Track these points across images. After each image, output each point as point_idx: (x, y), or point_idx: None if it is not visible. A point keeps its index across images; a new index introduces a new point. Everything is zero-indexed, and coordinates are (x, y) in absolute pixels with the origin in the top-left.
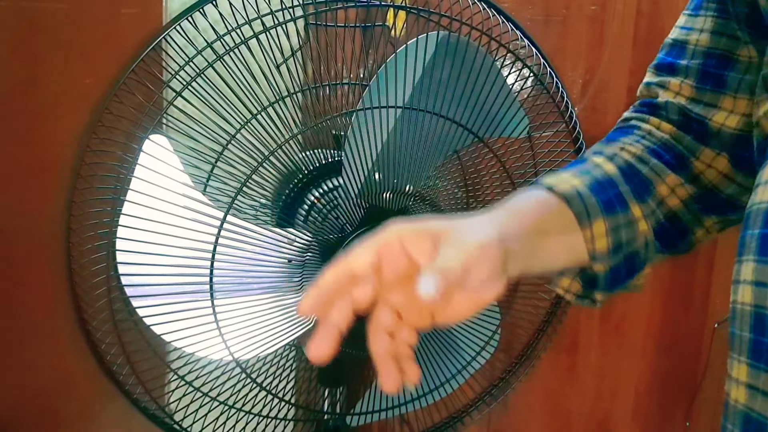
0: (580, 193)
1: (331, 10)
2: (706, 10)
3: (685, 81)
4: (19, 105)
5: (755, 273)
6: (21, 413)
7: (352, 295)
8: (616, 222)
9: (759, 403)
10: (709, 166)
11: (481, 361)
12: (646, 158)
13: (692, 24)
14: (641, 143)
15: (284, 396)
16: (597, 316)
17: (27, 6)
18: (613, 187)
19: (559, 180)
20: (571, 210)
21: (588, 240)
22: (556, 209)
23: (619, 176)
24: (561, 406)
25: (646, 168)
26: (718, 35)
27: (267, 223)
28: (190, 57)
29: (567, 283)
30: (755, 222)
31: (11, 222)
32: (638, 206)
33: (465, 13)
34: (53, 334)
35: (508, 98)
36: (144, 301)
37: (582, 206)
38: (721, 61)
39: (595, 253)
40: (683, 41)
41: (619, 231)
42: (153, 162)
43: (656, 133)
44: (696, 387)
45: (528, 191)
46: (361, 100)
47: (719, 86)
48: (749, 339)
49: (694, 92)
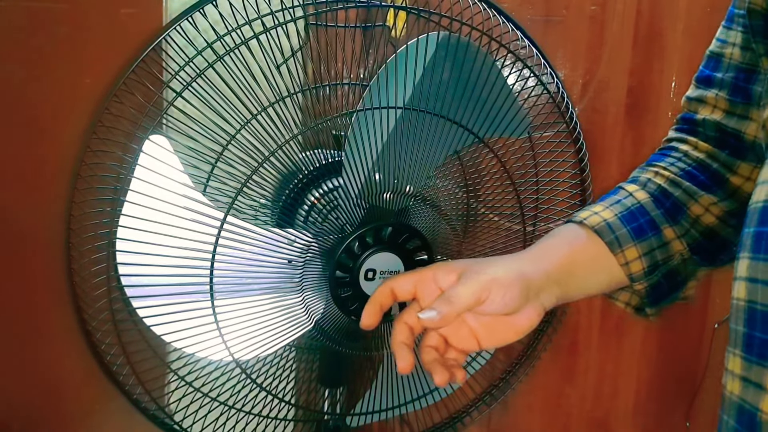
0: (610, 224)
1: (332, 11)
2: (737, 24)
3: (720, 94)
4: (18, 105)
5: (749, 269)
6: (20, 413)
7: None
8: (648, 246)
9: (751, 395)
10: (748, 179)
11: (481, 362)
12: (678, 182)
13: (726, 37)
14: (676, 166)
15: (284, 396)
16: (597, 316)
17: (27, 6)
18: (644, 215)
19: (590, 213)
20: (603, 241)
21: (623, 264)
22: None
23: (650, 202)
24: (561, 406)
25: (679, 191)
26: (746, 50)
27: (267, 224)
28: (190, 57)
29: (627, 297)
30: (752, 220)
31: (11, 222)
32: (671, 228)
33: (465, 13)
34: (53, 334)
35: (509, 98)
36: (144, 301)
37: (612, 236)
38: (748, 75)
39: (632, 276)
40: (719, 54)
41: (653, 253)
42: (153, 162)
43: (692, 153)
44: (696, 387)
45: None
46: (361, 100)
47: (747, 99)
48: (743, 333)
49: (728, 105)
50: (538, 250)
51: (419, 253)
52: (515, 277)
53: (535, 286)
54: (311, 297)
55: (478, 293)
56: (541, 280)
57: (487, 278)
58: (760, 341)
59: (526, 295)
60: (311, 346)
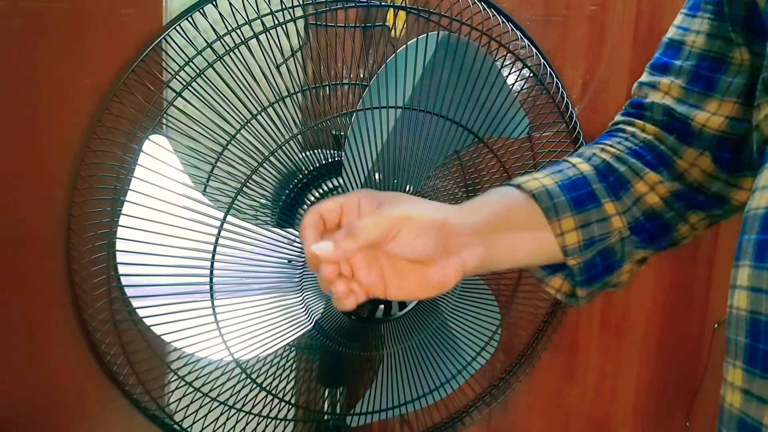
0: (549, 190)
1: (331, 11)
2: (704, 11)
3: (675, 81)
4: (18, 105)
5: (751, 278)
6: (21, 413)
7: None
8: (586, 218)
9: (754, 409)
10: (693, 164)
11: (481, 362)
12: (624, 158)
13: (689, 24)
14: (623, 144)
15: (284, 396)
16: (597, 316)
17: (27, 6)
18: (585, 186)
19: (529, 178)
20: (539, 206)
21: (558, 235)
22: (525, 206)
23: (593, 175)
24: (561, 406)
25: (624, 167)
26: (713, 37)
27: (267, 224)
28: (190, 57)
29: (558, 283)
30: (752, 227)
31: (11, 222)
32: (612, 203)
33: (465, 13)
34: (53, 334)
35: (508, 98)
36: (144, 301)
37: (550, 203)
38: (714, 64)
39: (566, 248)
40: (680, 41)
41: (590, 227)
42: (153, 162)
43: (639, 134)
44: (696, 387)
45: (497, 189)
46: (361, 100)
47: (708, 88)
48: (744, 344)
49: (682, 93)
50: (468, 204)
51: None
52: (435, 223)
53: (457, 240)
54: (311, 297)
55: (386, 228)
56: (465, 234)
57: (400, 215)
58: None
59: (444, 246)
60: (311, 345)
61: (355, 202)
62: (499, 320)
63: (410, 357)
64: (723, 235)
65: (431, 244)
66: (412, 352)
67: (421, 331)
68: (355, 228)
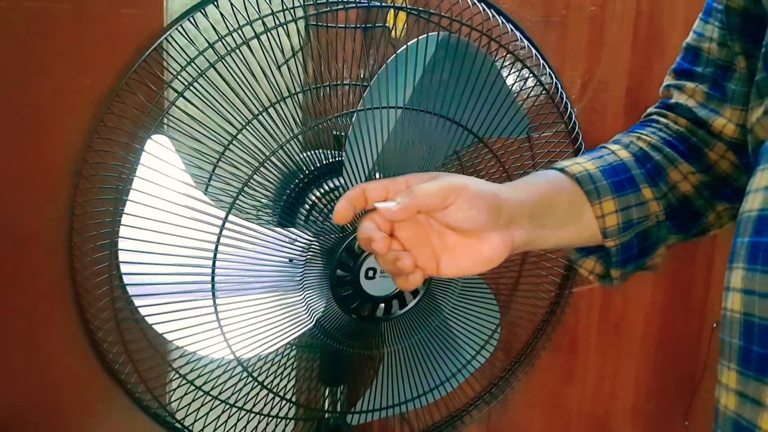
0: (591, 174)
1: (332, 11)
2: (714, 19)
3: (699, 86)
4: (20, 105)
5: (744, 281)
6: (23, 412)
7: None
8: (626, 202)
9: (748, 411)
10: (722, 157)
11: (481, 360)
12: (660, 147)
13: (703, 30)
14: (657, 134)
15: (285, 395)
16: (596, 315)
17: (27, 6)
18: (624, 171)
19: (572, 163)
20: (581, 189)
21: (599, 217)
22: (569, 189)
23: (632, 161)
24: (561, 405)
25: (660, 155)
26: (722, 46)
27: (268, 223)
28: (191, 57)
29: (591, 265)
30: (745, 230)
31: (13, 222)
32: (650, 189)
33: (465, 14)
34: (55, 333)
35: (508, 99)
36: (146, 300)
37: (592, 186)
38: (724, 72)
39: (605, 230)
40: (697, 48)
41: (629, 210)
42: (155, 162)
43: (672, 126)
44: (695, 387)
45: (541, 171)
46: (361, 100)
47: (724, 96)
48: (738, 346)
49: (704, 97)
50: (517, 182)
51: None
52: (490, 194)
53: (508, 212)
54: (312, 295)
55: (445, 193)
56: (515, 207)
57: (457, 183)
58: (758, 356)
59: (495, 217)
60: (312, 344)
61: (402, 183)
62: (499, 319)
63: (410, 356)
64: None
65: (485, 214)
66: (412, 351)
67: (422, 330)
68: (414, 189)
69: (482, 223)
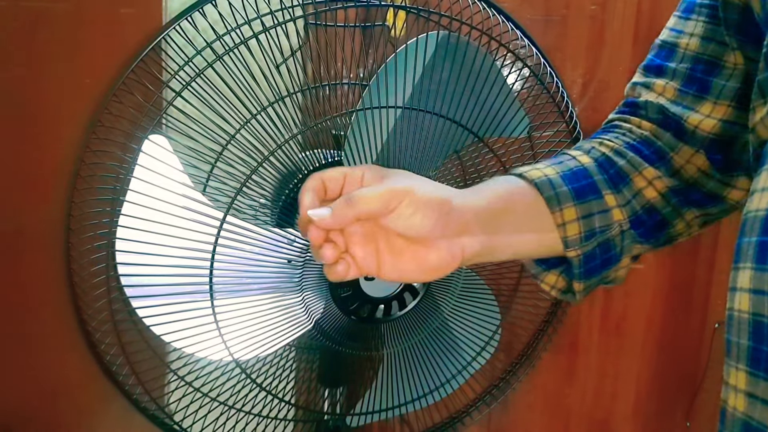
0: (551, 180)
1: (331, 10)
2: (698, 15)
3: (670, 83)
4: (18, 105)
5: (753, 281)
6: (21, 414)
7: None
8: (588, 209)
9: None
10: (688, 161)
11: (482, 362)
12: (623, 152)
13: (683, 27)
14: (620, 139)
15: (284, 396)
16: (597, 316)
17: (27, 6)
18: (586, 177)
19: (531, 168)
20: (541, 196)
21: (559, 225)
22: (528, 195)
23: (594, 167)
24: (561, 406)
25: (623, 160)
26: (708, 41)
27: (267, 224)
28: (189, 57)
29: (553, 280)
30: (752, 229)
31: (10, 222)
32: (612, 195)
33: (465, 12)
34: (53, 334)
35: (508, 98)
36: (144, 301)
37: (552, 192)
38: (708, 67)
39: (566, 239)
40: (673, 44)
41: (591, 218)
42: (152, 162)
43: (636, 130)
44: (696, 387)
45: (499, 177)
46: (361, 100)
47: (702, 91)
48: (747, 347)
49: (676, 94)
50: (472, 188)
51: None
52: (437, 201)
53: (459, 221)
54: (311, 297)
55: (386, 200)
56: (467, 217)
57: (401, 188)
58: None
59: (443, 225)
60: (311, 345)
61: (359, 174)
62: (500, 320)
63: (410, 357)
64: (723, 235)
65: (430, 221)
66: (412, 352)
67: (421, 331)
68: (353, 196)
69: (427, 230)
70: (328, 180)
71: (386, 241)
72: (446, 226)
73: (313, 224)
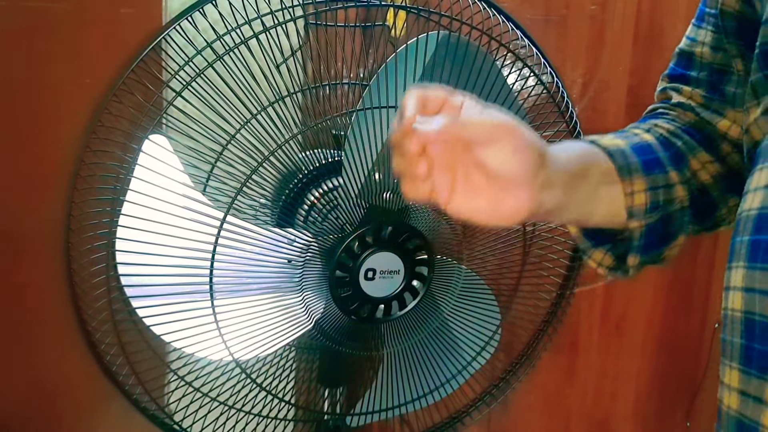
0: (623, 150)
1: (331, 10)
2: (707, 24)
3: (696, 90)
4: (18, 105)
5: (745, 279)
6: (21, 413)
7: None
8: (654, 182)
9: (750, 409)
10: (729, 154)
11: (482, 362)
12: (679, 134)
13: (695, 35)
14: (673, 123)
15: (284, 396)
16: (597, 315)
17: (27, 6)
18: (652, 152)
19: (603, 137)
20: (613, 164)
21: (628, 194)
22: (601, 160)
23: (657, 144)
24: (561, 406)
25: (681, 142)
26: (715, 50)
27: (267, 224)
28: (189, 57)
29: (599, 257)
30: (744, 229)
31: (10, 222)
32: (676, 173)
33: (465, 12)
34: (53, 334)
35: (509, 98)
36: (144, 301)
37: (624, 161)
38: (720, 75)
39: (632, 209)
40: (689, 52)
41: (657, 191)
42: (153, 162)
43: (683, 117)
44: (696, 387)
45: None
46: (361, 99)
47: (723, 99)
48: (740, 345)
49: (703, 100)
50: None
51: (419, 253)
52: (538, 149)
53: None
54: (311, 297)
55: (494, 131)
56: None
57: (512, 126)
58: (759, 353)
59: (534, 175)
60: (311, 345)
61: (459, 101)
62: (500, 320)
63: (410, 357)
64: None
65: (526, 165)
66: (412, 352)
67: (421, 331)
68: (465, 119)
69: (521, 173)
70: (431, 98)
71: (465, 173)
72: (536, 177)
73: (416, 133)
